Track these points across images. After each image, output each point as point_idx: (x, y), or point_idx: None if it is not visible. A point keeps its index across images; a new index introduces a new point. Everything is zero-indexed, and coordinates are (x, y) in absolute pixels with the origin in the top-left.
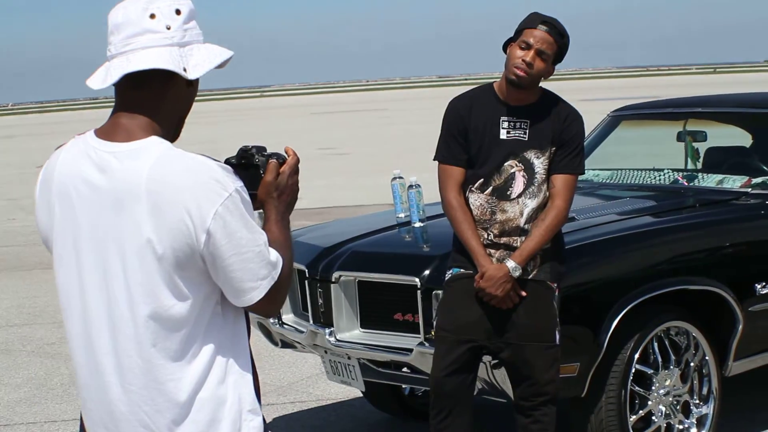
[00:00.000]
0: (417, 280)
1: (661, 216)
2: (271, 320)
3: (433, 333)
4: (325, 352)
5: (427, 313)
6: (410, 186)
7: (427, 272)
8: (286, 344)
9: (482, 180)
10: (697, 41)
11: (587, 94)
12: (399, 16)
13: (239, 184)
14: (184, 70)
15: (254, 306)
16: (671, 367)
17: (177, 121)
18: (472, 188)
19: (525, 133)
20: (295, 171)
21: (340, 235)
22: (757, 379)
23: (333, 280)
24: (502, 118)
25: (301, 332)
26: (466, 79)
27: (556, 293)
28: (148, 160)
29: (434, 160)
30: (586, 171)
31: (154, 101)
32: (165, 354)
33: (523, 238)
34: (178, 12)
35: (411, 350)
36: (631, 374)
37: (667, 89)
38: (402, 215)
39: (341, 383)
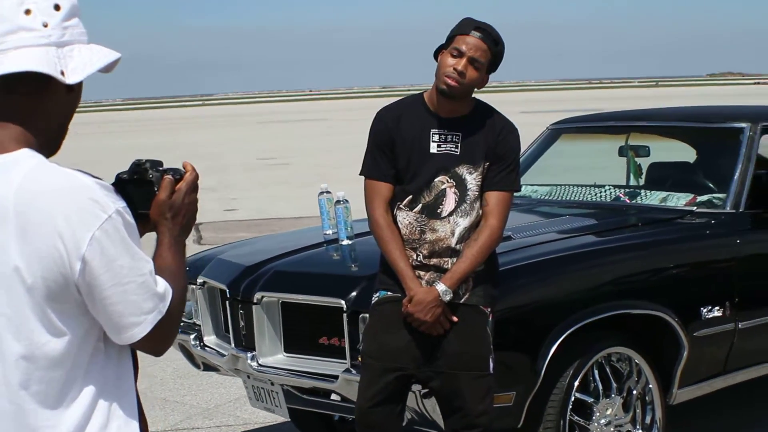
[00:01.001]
0: (342, 302)
1: (602, 235)
2: (192, 342)
3: (359, 359)
4: (248, 377)
5: (353, 337)
6: (338, 201)
7: (353, 294)
8: (208, 367)
9: (411, 197)
10: (639, 54)
11: (529, 107)
12: (342, 24)
13: (121, 204)
14: (62, 73)
15: (139, 344)
16: (612, 395)
17: (56, 131)
18: (401, 205)
19: (457, 147)
20: (193, 189)
21: (264, 252)
22: (702, 407)
23: (255, 301)
24: (433, 130)
25: (223, 356)
26: (408, 89)
27: (490, 318)
28: (17, 176)
29: (360, 174)
30: (523, 187)
31: (28, 109)
32: (38, 398)
33: (455, 259)
34: (57, 7)
35: (336, 377)
36: (571, 403)
37: (609, 102)
38: (329, 232)
39: (264, 410)
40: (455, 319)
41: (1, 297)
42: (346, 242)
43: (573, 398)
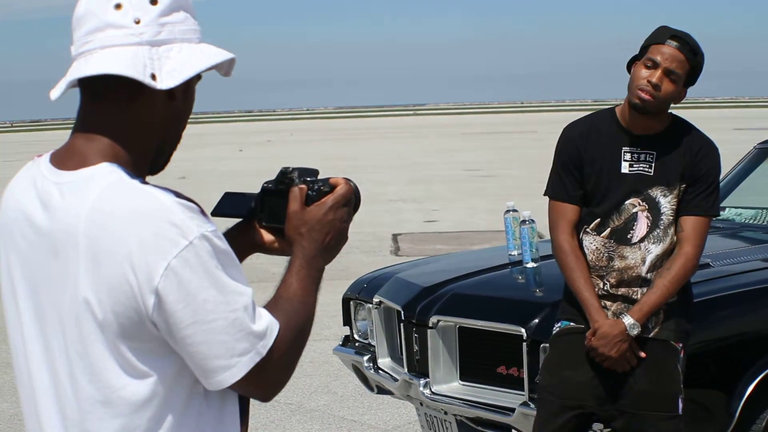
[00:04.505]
0: (523, 330)
1: None
2: (366, 364)
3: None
4: (420, 404)
5: (533, 368)
6: (523, 221)
7: (535, 321)
8: (382, 390)
9: (599, 220)
10: None
11: (743, 123)
12: (555, 38)
13: (208, 228)
14: (153, 77)
15: (236, 389)
16: None
17: (157, 146)
18: (587, 229)
19: (650, 167)
20: (342, 205)
21: (443, 273)
22: None
23: (430, 324)
24: (624, 148)
25: (396, 380)
26: (620, 102)
27: (681, 355)
28: (90, 195)
29: (544, 195)
30: (725, 209)
31: (118, 118)
32: None
33: (645, 289)
34: (153, 1)
35: (513, 410)
36: None
37: None
38: (515, 253)
39: None
40: (643, 354)
41: (72, 333)
42: (530, 265)
43: None
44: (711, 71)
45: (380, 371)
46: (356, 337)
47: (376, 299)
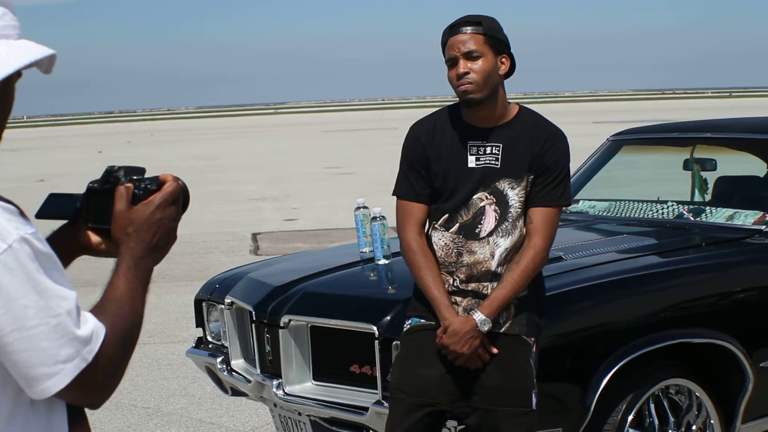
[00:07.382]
0: (374, 327)
1: (662, 257)
2: (219, 366)
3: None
4: (274, 405)
5: (385, 366)
6: (374, 218)
7: (387, 319)
8: (237, 392)
9: (447, 216)
10: (714, 65)
11: (601, 117)
12: (415, 33)
13: (28, 230)
14: None
15: (62, 397)
16: (669, 430)
17: None
18: (436, 225)
19: (497, 159)
20: (170, 203)
21: (295, 272)
22: None
23: (282, 324)
24: (470, 142)
25: (249, 382)
26: None
27: (533, 349)
28: None
29: (393, 195)
30: (579, 202)
31: None
32: None
33: (495, 284)
34: None
35: (367, 409)
36: None
37: (679, 113)
38: (366, 250)
39: None
40: (495, 350)
41: None
42: (382, 261)
43: None
44: (571, 66)
45: (234, 373)
46: (209, 338)
47: (227, 300)
